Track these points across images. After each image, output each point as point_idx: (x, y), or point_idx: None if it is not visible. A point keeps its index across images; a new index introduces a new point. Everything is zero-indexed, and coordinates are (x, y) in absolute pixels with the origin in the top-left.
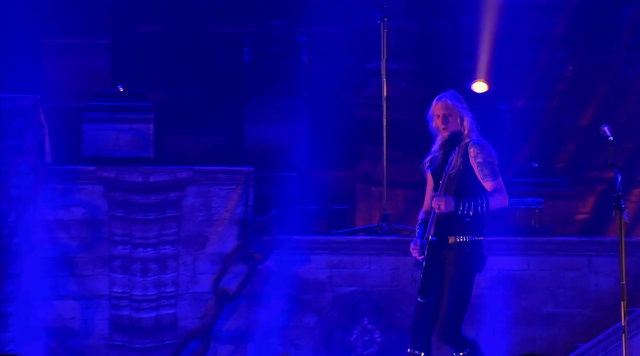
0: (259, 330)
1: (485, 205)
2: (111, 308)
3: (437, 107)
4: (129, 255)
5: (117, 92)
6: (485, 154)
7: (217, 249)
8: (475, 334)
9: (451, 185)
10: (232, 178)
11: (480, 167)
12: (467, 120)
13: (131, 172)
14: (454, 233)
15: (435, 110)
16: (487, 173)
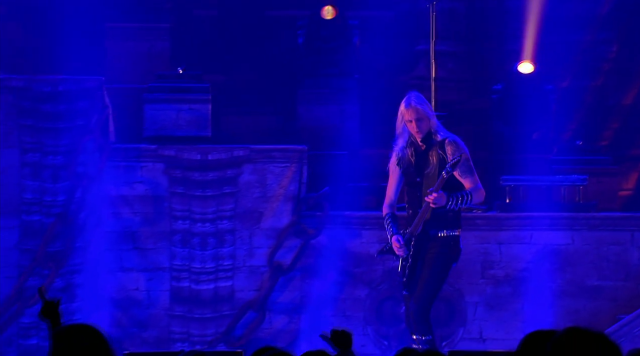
0: (312, 301)
1: (469, 199)
2: (172, 280)
3: (408, 113)
4: (189, 230)
5: (177, 73)
6: (460, 151)
7: (272, 224)
8: (520, 307)
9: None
10: (286, 157)
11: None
12: (433, 120)
13: (190, 150)
14: (439, 227)
15: (407, 115)
16: (465, 170)
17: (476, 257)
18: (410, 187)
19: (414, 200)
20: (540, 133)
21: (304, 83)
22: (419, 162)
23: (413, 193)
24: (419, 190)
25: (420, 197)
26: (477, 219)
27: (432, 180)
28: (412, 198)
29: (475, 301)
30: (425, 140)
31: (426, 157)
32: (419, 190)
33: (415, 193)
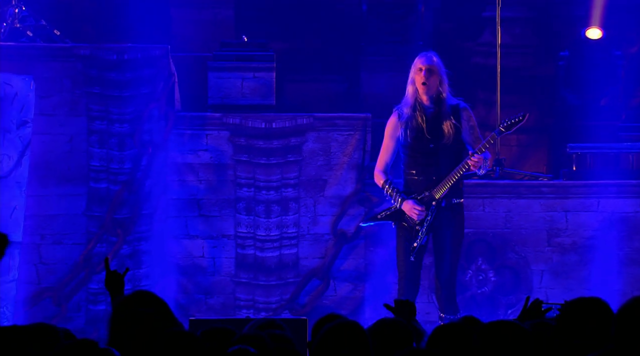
0: (376, 269)
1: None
2: (237, 247)
3: (421, 60)
4: (253, 197)
5: (242, 41)
6: (474, 117)
7: (336, 192)
8: (586, 274)
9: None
10: (350, 124)
11: (473, 130)
12: (445, 83)
13: (254, 118)
14: (454, 194)
15: (419, 62)
16: (478, 136)
17: (542, 225)
18: (421, 153)
19: (426, 166)
20: (608, 100)
21: (367, 50)
22: (431, 128)
23: (425, 160)
24: (433, 156)
25: (436, 164)
26: (542, 187)
27: (447, 148)
28: (424, 165)
29: (541, 269)
30: (434, 103)
31: (439, 123)
32: (433, 156)
33: (428, 160)
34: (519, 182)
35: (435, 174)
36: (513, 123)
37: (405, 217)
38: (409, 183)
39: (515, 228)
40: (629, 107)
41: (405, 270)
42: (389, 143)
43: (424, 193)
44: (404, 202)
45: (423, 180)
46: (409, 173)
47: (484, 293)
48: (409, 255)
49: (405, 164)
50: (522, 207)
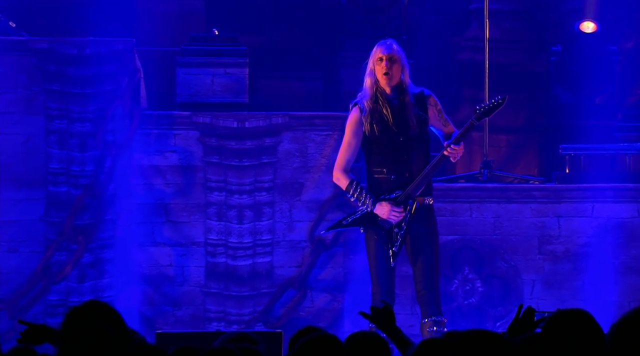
0: (356, 278)
1: None
2: (207, 256)
3: (381, 49)
4: (224, 202)
5: (212, 35)
6: (439, 102)
7: (313, 196)
8: (581, 284)
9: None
10: (328, 124)
11: (441, 114)
12: (407, 72)
13: (226, 117)
14: (428, 193)
15: (379, 52)
16: (446, 119)
17: (533, 231)
18: (390, 148)
19: (397, 163)
20: (603, 98)
21: (347, 45)
22: (397, 120)
23: (394, 156)
24: (403, 151)
25: (407, 160)
26: (533, 190)
27: (416, 140)
28: (394, 161)
29: (532, 279)
30: (397, 93)
31: (405, 114)
32: (403, 151)
33: (398, 156)
34: (509, 186)
35: (407, 170)
36: (491, 106)
37: (378, 221)
38: (378, 183)
39: (505, 234)
40: (626, 105)
41: (382, 278)
42: (351, 140)
43: (396, 192)
44: (377, 204)
45: (394, 178)
46: (378, 172)
47: (471, 305)
48: (385, 262)
49: (373, 162)
50: (512, 212)
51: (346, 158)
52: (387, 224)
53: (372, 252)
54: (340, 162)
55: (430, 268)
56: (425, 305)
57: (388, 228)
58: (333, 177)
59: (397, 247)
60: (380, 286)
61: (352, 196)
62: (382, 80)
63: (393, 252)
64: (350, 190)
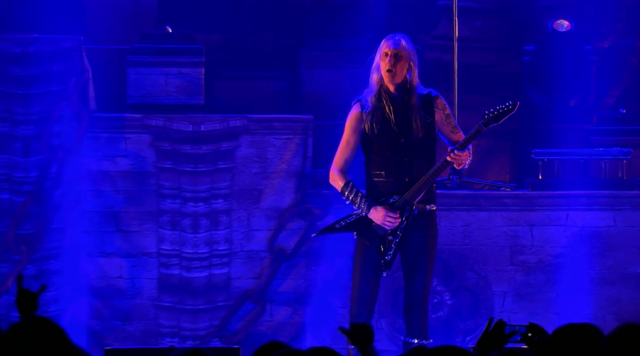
0: (318, 291)
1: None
2: (159, 267)
3: (388, 44)
4: (178, 210)
5: (165, 33)
6: (448, 106)
7: (273, 204)
8: (554, 296)
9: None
10: (289, 127)
11: (449, 119)
12: (416, 71)
13: (180, 120)
14: (427, 200)
15: (385, 46)
16: (455, 125)
17: (504, 241)
18: (390, 150)
19: (396, 166)
20: (578, 100)
21: (309, 44)
22: (400, 121)
23: (395, 159)
24: (404, 154)
25: (409, 163)
26: (504, 198)
27: (420, 145)
28: (394, 164)
29: (503, 291)
30: (402, 92)
31: (408, 116)
32: (404, 154)
33: (399, 159)
34: (479, 193)
35: (407, 175)
36: (502, 112)
37: (372, 226)
38: (376, 186)
39: (475, 244)
40: (602, 108)
41: (364, 286)
42: (350, 138)
43: (394, 197)
44: (373, 208)
45: (393, 181)
46: (376, 175)
47: (439, 318)
48: (373, 270)
49: (371, 164)
50: (482, 220)
51: (343, 156)
52: (382, 230)
53: (359, 258)
54: (337, 161)
55: (423, 285)
56: (411, 324)
57: (382, 235)
58: (329, 177)
59: (391, 256)
60: (359, 292)
61: (347, 198)
62: (386, 77)
63: (386, 261)
64: (345, 192)
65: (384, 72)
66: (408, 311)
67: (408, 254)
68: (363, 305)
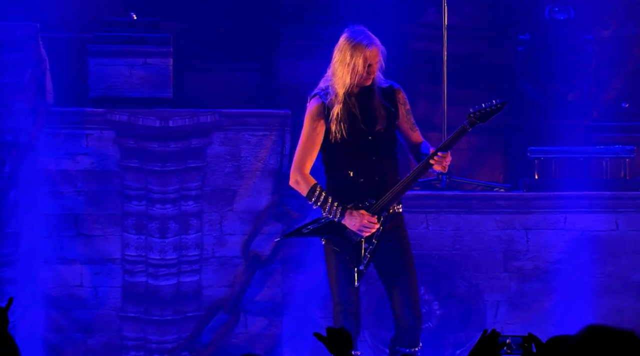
0: (296, 300)
1: None
2: (124, 274)
3: (373, 53)
4: (145, 212)
5: (130, 20)
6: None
7: (248, 206)
8: (552, 306)
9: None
10: (264, 123)
11: (409, 115)
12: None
13: (147, 115)
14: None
15: (369, 55)
16: (414, 123)
17: (497, 246)
18: (357, 148)
19: (365, 164)
20: (577, 94)
21: (285, 32)
22: (366, 116)
23: (363, 157)
24: (370, 151)
25: (376, 161)
26: (497, 200)
27: (383, 138)
28: (362, 162)
29: (497, 301)
30: (364, 87)
31: (372, 109)
32: (371, 151)
33: (366, 156)
34: (471, 194)
35: (376, 173)
36: (488, 111)
37: (345, 232)
38: (343, 188)
39: (466, 249)
40: (602, 102)
41: (344, 297)
42: (312, 135)
43: (369, 200)
44: (347, 212)
45: (364, 181)
46: (342, 176)
47: (428, 330)
48: (349, 279)
49: (337, 164)
50: (474, 224)
51: (308, 157)
52: (356, 237)
53: (333, 268)
54: (299, 162)
55: (411, 291)
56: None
57: (355, 242)
58: (290, 179)
59: (364, 266)
60: (342, 304)
61: (314, 204)
62: (363, 83)
63: (359, 271)
64: (312, 196)
65: (363, 80)
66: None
67: (386, 264)
68: (348, 316)
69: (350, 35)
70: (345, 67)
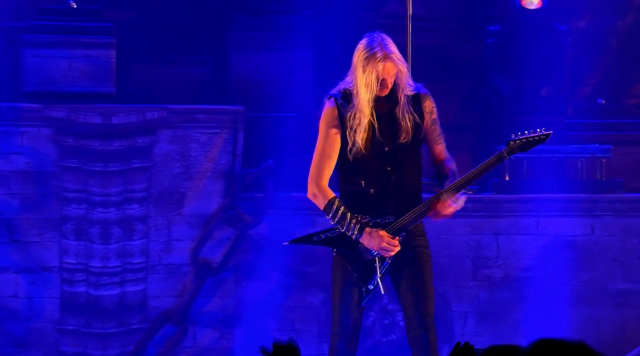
0: (249, 310)
1: None
2: (62, 284)
3: (387, 67)
4: (85, 217)
5: (69, 8)
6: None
7: (197, 209)
8: (523, 317)
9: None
10: (215, 120)
11: (435, 125)
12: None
13: (87, 111)
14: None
15: (385, 70)
16: (440, 133)
17: (466, 252)
18: (370, 157)
19: (379, 174)
20: (551, 89)
21: (237, 22)
22: (385, 126)
23: (376, 165)
24: (387, 162)
25: (393, 171)
26: (466, 202)
27: (403, 151)
28: (375, 171)
29: (464, 311)
30: (388, 95)
31: (394, 119)
32: (388, 162)
33: (382, 166)
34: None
35: (391, 185)
36: (530, 141)
37: (359, 247)
38: (352, 197)
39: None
40: (578, 98)
41: (345, 317)
42: (329, 143)
43: (388, 217)
44: (366, 232)
45: (375, 192)
46: (354, 184)
47: (392, 343)
48: (354, 298)
49: (348, 171)
50: (441, 229)
51: (324, 166)
52: (369, 254)
53: (338, 284)
54: (316, 173)
55: (427, 301)
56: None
57: (369, 259)
58: (307, 192)
59: (373, 286)
60: (342, 326)
61: (332, 219)
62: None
63: (367, 290)
64: (329, 211)
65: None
66: (413, 336)
67: (401, 271)
68: (346, 342)
69: (367, 44)
70: (358, 78)
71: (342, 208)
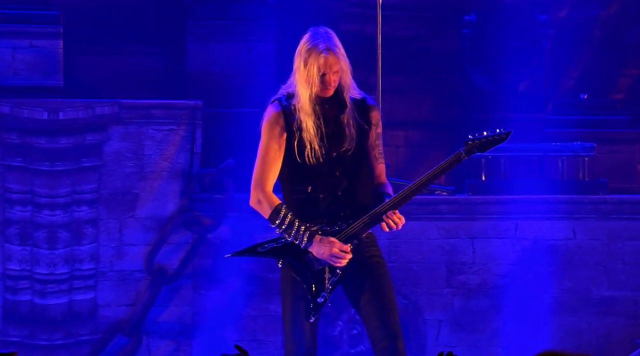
0: (208, 320)
1: None
2: (5, 292)
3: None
4: (30, 220)
5: None
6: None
7: (152, 212)
8: (500, 326)
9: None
10: (171, 116)
11: (379, 140)
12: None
13: (33, 106)
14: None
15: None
16: (381, 152)
17: (439, 257)
18: (321, 162)
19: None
20: (530, 84)
21: (195, 12)
22: (332, 131)
23: (326, 172)
24: (332, 166)
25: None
26: (440, 204)
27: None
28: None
29: (438, 320)
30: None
31: (339, 124)
32: (333, 166)
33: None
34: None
35: (342, 189)
36: (490, 140)
37: (307, 257)
38: (300, 206)
39: (403, 261)
40: (558, 93)
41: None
42: (273, 148)
43: (339, 224)
44: (316, 239)
45: (324, 197)
46: (300, 191)
47: (360, 354)
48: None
49: (293, 178)
50: (413, 232)
51: (268, 171)
52: (319, 265)
53: (288, 299)
54: (259, 178)
55: (391, 310)
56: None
57: (318, 269)
58: (251, 199)
59: (324, 298)
60: (296, 344)
61: (278, 227)
62: (322, 92)
63: (316, 304)
64: (275, 219)
65: (319, 90)
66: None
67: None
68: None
69: (309, 37)
70: (300, 74)
71: (290, 216)
